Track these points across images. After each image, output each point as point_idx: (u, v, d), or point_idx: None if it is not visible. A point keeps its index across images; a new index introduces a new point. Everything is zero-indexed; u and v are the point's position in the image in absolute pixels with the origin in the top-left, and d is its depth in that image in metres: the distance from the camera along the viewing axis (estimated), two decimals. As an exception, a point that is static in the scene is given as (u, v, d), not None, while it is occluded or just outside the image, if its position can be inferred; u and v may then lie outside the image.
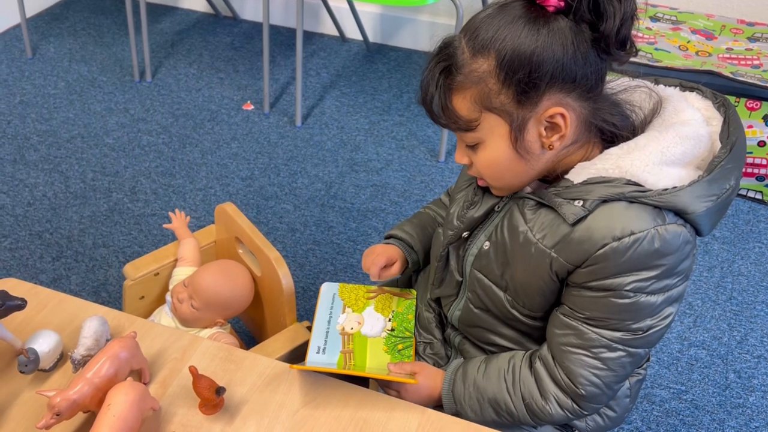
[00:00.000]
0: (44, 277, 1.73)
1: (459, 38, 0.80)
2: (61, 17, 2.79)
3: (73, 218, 1.89)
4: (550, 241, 0.82)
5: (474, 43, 0.78)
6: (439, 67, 0.80)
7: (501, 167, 0.84)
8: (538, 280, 0.85)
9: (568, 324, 0.85)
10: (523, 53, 0.75)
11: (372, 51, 2.64)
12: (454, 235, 0.95)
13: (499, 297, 0.91)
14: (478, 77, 0.78)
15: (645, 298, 0.80)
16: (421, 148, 2.17)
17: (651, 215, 0.77)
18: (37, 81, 2.42)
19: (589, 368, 0.84)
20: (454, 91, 0.80)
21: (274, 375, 0.91)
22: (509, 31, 0.76)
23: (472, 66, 0.78)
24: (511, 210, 0.88)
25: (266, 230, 1.88)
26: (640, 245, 0.77)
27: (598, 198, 0.78)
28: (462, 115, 0.81)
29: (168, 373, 0.91)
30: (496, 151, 0.82)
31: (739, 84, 1.82)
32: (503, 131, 0.81)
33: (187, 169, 2.07)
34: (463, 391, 0.93)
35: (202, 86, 2.43)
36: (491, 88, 0.78)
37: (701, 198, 0.78)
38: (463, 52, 0.79)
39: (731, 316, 1.68)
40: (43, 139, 2.17)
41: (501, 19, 0.77)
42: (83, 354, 0.88)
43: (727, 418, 1.46)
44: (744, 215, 1.95)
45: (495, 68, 0.77)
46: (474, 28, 0.78)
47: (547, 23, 0.75)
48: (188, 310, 1.18)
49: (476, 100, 0.79)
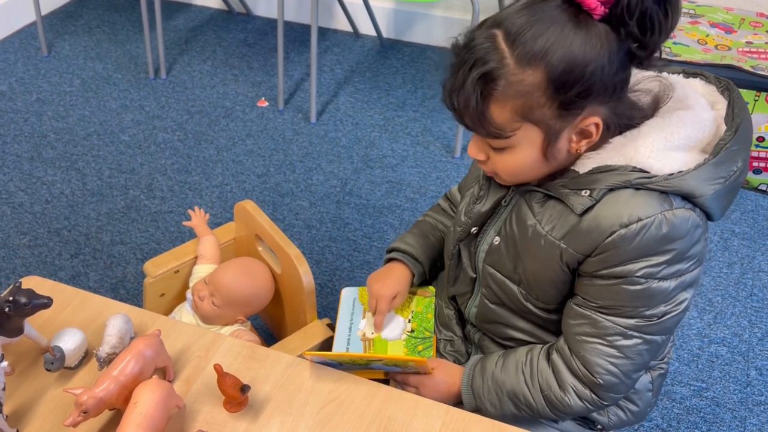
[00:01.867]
0: (63, 275, 1.74)
1: (496, 39, 0.74)
2: (76, 15, 2.80)
3: (91, 215, 1.90)
4: (559, 232, 0.83)
5: (521, 52, 0.73)
6: (477, 70, 0.74)
7: (523, 170, 0.83)
8: (550, 271, 0.85)
9: (582, 314, 0.85)
10: (576, 70, 0.73)
11: (386, 46, 2.63)
12: (463, 231, 0.95)
13: (513, 291, 0.91)
14: (524, 90, 0.74)
15: (657, 284, 0.80)
16: (436, 144, 2.16)
17: (657, 201, 0.78)
18: (53, 79, 2.44)
19: (605, 357, 0.84)
20: (493, 100, 0.75)
21: (297, 372, 0.91)
22: (560, 43, 0.72)
23: (518, 77, 0.73)
24: (519, 203, 0.88)
25: (282, 227, 1.88)
26: (647, 231, 0.77)
27: (604, 187, 0.79)
28: (498, 123, 0.77)
29: (192, 371, 0.91)
30: (523, 158, 0.81)
31: (759, 78, 1.80)
32: (537, 140, 0.79)
33: (202, 166, 2.08)
34: (482, 386, 0.93)
35: (217, 83, 2.43)
36: (536, 102, 0.75)
37: (708, 181, 0.78)
38: (505, 58, 0.74)
39: (752, 312, 1.66)
40: (59, 137, 2.18)
41: (548, 26, 0.72)
42: (108, 352, 0.88)
43: (748, 415, 1.45)
44: (764, 211, 1.93)
45: (544, 82, 0.74)
46: (517, 33, 0.73)
47: (594, 33, 0.73)
48: (209, 307, 1.18)
49: (517, 111, 0.76)
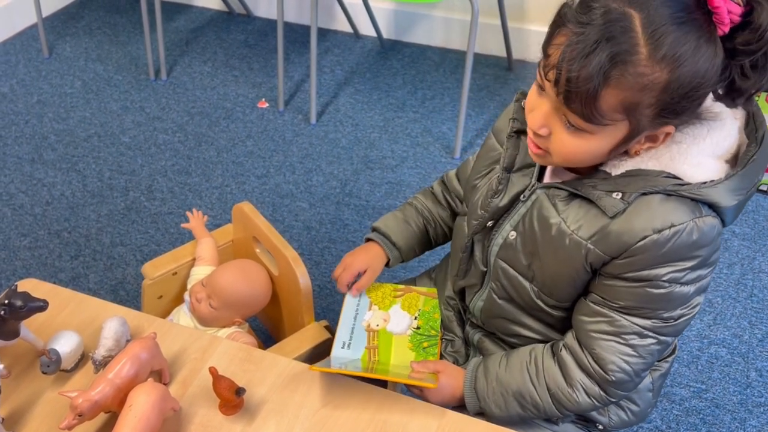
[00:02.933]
0: (63, 276, 1.74)
1: (633, 21, 0.69)
2: (77, 16, 2.80)
3: (91, 217, 1.91)
4: (586, 232, 0.82)
5: (657, 48, 0.69)
6: (610, 47, 0.69)
7: (587, 156, 0.80)
8: (570, 270, 0.85)
9: (600, 312, 0.85)
10: (693, 84, 0.71)
11: (386, 47, 2.63)
12: (479, 225, 0.94)
13: (524, 287, 0.91)
14: (644, 84, 0.71)
15: (679, 289, 0.81)
16: (436, 145, 2.16)
17: (689, 208, 0.78)
18: (54, 80, 2.44)
19: (620, 354, 0.85)
20: (612, 84, 0.70)
21: (293, 375, 0.91)
22: (693, 55, 0.70)
23: (646, 71, 0.70)
24: (540, 200, 0.87)
25: (282, 228, 1.88)
26: (679, 237, 0.78)
27: (637, 191, 0.79)
28: (602, 108, 0.72)
29: (188, 373, 0.91)
30: (595, 147, 0.78)
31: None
32: (618, 135, 0.77)
33: (203, 167, 2.08)
34: (486, 387, 0.93)
35: (217, 84, 2.43)
36: (646, 101, 0.72)
37: (735, 191, 0.79)
38: (640, 45, 0.69)
39: (752, 313, 1.66)
40: (60, 139, 2.18)
41: (687, 32, 0.70)
42: (104, 355, 0.88)
43: (748, 417, 1.45)
44: (764, 211, 1.92)
45: (663, 84, 0.71)
46: (660, 26, 0.69)
47: (718, 53, 0.71)
48: (207, 309, 1.18)
49: (625, 104, 0.72)
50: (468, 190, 1.00)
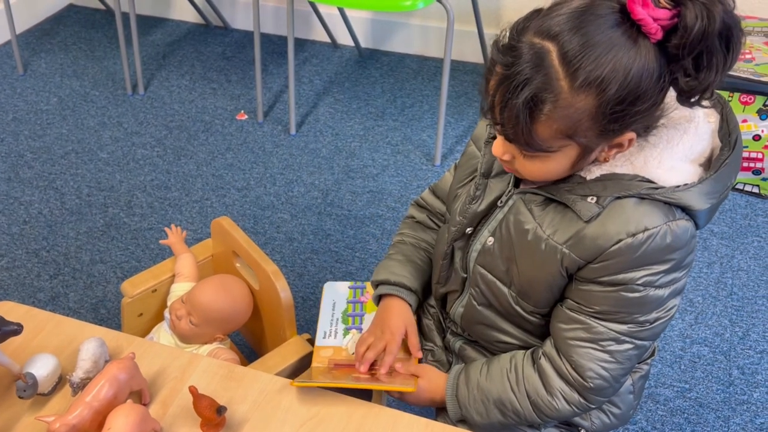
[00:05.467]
0: (42, 296, 1.72)
1: (550, 56, 0.70)
2: (52, 32, 2.78)
3: (70, 235, 1.89)
4: (561, 237, 0.83)
5: (576, 77, 0.70)
6: (527, 90, 0.71)
7: (551, 174, 0.82)
8: (546, 275, 0.86)
9: (576, 318, 0.85)
10: (627, 100, 0.71)
11: (364, 56, 2.63)
12: (457, 231, 0.94)
13: (503, 293, 0.91)
14: (572, 114, 0.72)
15: (654, 292, 0.82)
16: (417, 153, 2.17)
17: (663, 211, 0.79)
18: (30, 97, 2.42)
19: (597, 361, 0.85)
20: (541, 120, 0.73)
21: (275, 391, 0.91)
22: (617, 74, 0.69)
23: (569, 101, 0.71)
24: (516, 206, 0.88)
25: (264, 240, 1.87)
26: (653, 241, 0.78)
27: (611, 195, 0.79)
28: (541, 139, 0.75)
29: (168, 393, 0.90)
30: (554, 166, 0.80)
31: (731, 79, 1.82)
32: (572, 153, 0.78)
33: (182, 181, 2.07)
34: (467, 396, 0.93)
35: (195, 97, 2.42)
36: (584, 125, 0.73)
37: (708, 195, 0.80)
38: (559, 79, 0.70)
39: (732, 312, 1.67)
40: (37, 156, 2.16)
41: (607, 52, 0.69)
42: (82, 377, 0.87)
43: (731, 414, 1.46)
44: (742, 209, 1.95)
45: (595, 109, 0.72)
46: (574, 56, 0.69)
47: (651, 61, 0.70)
48: (187, 326, 1.17)
49: (563, 131, 0.74)
50: (450, 200, 1.00)
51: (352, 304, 1.12)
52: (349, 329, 1.07)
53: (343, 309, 1.11)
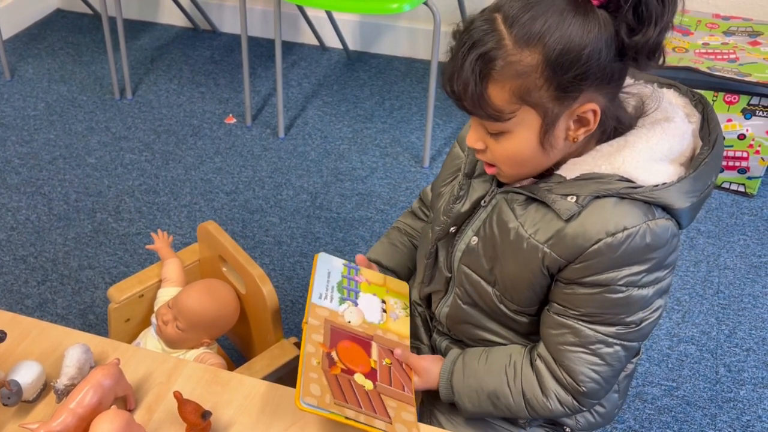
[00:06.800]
0: (30, 302, 1.71)
1: (496, 21, 0.75)
2: (39, 37, 2.77)
3: (58, 241, 1.88)
4: (542, 236, 0.83)
5: (519, 33, 0.73)
6: (475, 51, 0.75)
7: (522, 158, 0.82)
8: (529, 274, 0.86)
9: (563, 323, 0.86)
10: (573, 52, 0.73)
11: (352, 59, 2.64)
12: (441, 231, 0.95)
13: (487, 292, 0.92)
14: (521, 70, 0.74)
15: (637, 292, 0.82)
16: (405, 155, 2.17)
17: (642, 210, 0.79)
18: (17, 103, 2.41)
19: (588, 365, 0.86)
20: (491, 81, 0.75)
21: (260, 395, 0.91)
22: (559, 26, 0.73)
23: (516, 57, 0.74)
24: (499, 205, 0.88)
25: (252, 244, 1.87)
26: (632, 240, 0.79)
27: (590, 194, 0.80)
28: (496, 105, 0.77)
29: (154, 398, 0.90)
30: (521, 143, 0.80)
31: (716, 79, 1.83)
32: (534, 124, 0.79)
33: (171, 186, 2.06)
34: (462, 383, 0.94)
35: (184, 101, 2.42)
36: (534, 83, 0.75)
37: (688, 194, 0.80)
38: (504, 38, 0.74)
39: (719, 310, 1.69)
40: (24, 162, 2.15)
41: (546, 9, 0.73)
42: (66, 383, 0.87)
43: (718, 412, 1.47)
44: (727, 208, 1.96)
45: (542, 63, 0.74)
46: (516, 15, 0.74)
47: (593, 18, 0.73)
48: (173, 331, 1.17)
49: (515, 92, 0.76)
50: (434, 198, 1.01)
51: (347, 279, 1.06)
52: (344, 299, 1.02)
53: (338, 280, 1.04)
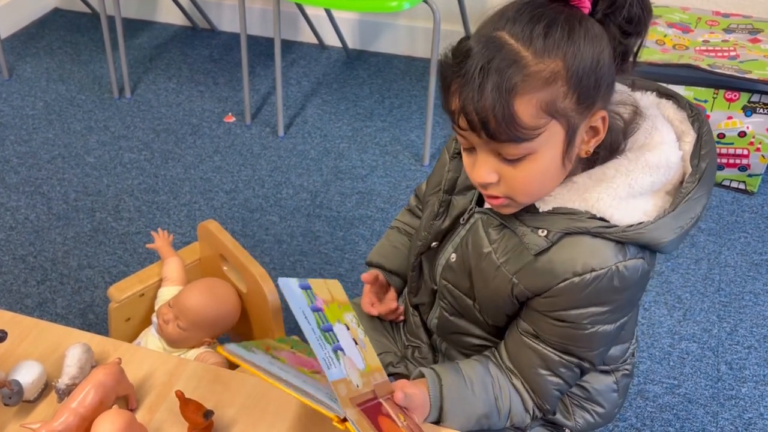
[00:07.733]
0: (29, 302, 1.71)
1: (503, 39, 0.71)
2: (37, 36, 2.76)
3: (57, 240, 1.87)
4: (512, 267, 0.83)
5: (537, 44, 0.71)
6: (494, 67, 0.69)
7: (544, 179, 0.77)
8: (499, 300, 0.86)
9: (529, 344, 0.86)
10: (590, 59, 0.72)
11: (352, 57, 2.63)
12: (422, 246, 0.95)
13: (468, 305, 0.92)
14: (547, 77, 0.70)
15: (602, 328, 0.83)
16: (405, 153, 2.17)
17: (613, 251, 0.77)
18: (15, 102, 2.40)
19: (553, 386, 0.88)
20: (518, 95, 0.70)
21: (262, 394, 0.90)
22: (570, 36, 0.72)
23: (539, 66, 0.70)
24: (476, 226, 0.88)
25: (252, 243, 1.87)
26: (599, 282, 0.78)
27: (561, 230, 0.78)
28: (524, 121, 0.71)
29: (155, 398, 0.90)
30: (546, 162, 0.75)
31: (716, 76, 1.83)
32: (559, 139, 0.74)
33: (170, 185, 2.06)
34: (451, 411, 0.87)
35: (183, 100, 2.41)
36: (559, 92, 0.71)
37: (668, 230, 0.78)
38: (520, 51, 0.70)
39: (720, 307, 1.68)
40: (23, 161, 2.15)
41: (553, 21, 0.72)
42: (68, 383, 0.87)
43: (720, 410, 1.47)
44: (728, 206, 1.96)
45: (563, 71, 0.71)
46: (524, 29, 0.71)
47: (591, 27, 0.73)
48: (174, 330, 1.17)
49: (542, 105, 0.71)
50: (424, 205, 1.01)
51: (316, 313, 0.90)
52: (335, 350, 0.88)
53: (315, 323, 0.88)
